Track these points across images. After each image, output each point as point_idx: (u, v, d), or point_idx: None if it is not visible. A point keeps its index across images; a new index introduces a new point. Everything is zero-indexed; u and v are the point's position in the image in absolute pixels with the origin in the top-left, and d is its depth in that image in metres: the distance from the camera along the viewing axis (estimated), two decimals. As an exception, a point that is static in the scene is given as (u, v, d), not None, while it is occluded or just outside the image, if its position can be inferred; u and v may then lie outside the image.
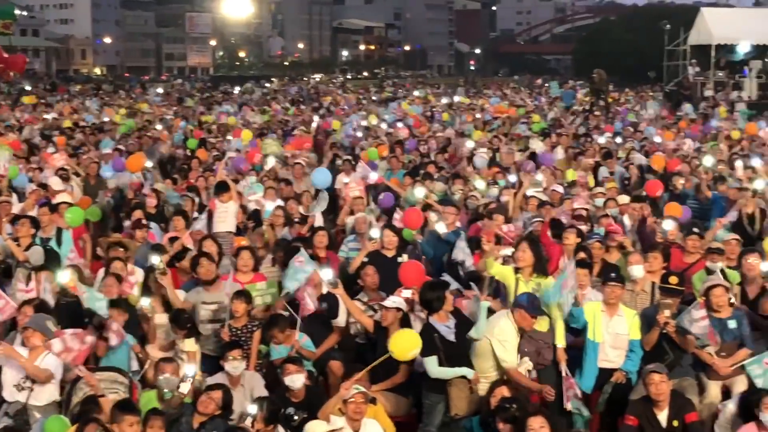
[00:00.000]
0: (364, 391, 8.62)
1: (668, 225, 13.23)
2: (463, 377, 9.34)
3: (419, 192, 15.36)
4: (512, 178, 16.33)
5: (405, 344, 8.92)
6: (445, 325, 9.47)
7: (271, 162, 19.41)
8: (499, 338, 9.37)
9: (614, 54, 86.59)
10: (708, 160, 18.73)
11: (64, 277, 10.68)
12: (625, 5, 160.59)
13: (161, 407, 8.70)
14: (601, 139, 24.46)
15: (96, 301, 10.24)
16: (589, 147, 22.98)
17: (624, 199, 15.63)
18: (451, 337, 9.42)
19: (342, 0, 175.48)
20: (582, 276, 10.51)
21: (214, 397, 8.80)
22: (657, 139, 24.58)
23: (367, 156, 20.92)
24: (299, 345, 10.23)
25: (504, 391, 8.75)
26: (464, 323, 9.68)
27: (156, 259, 11.11)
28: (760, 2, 62.71)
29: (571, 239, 12.39)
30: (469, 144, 22.56)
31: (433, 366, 9.36)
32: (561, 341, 9.77)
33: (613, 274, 10.32)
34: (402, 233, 13.40)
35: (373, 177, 17.85)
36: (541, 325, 9.68)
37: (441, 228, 13.39)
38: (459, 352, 9.41)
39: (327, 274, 10.63)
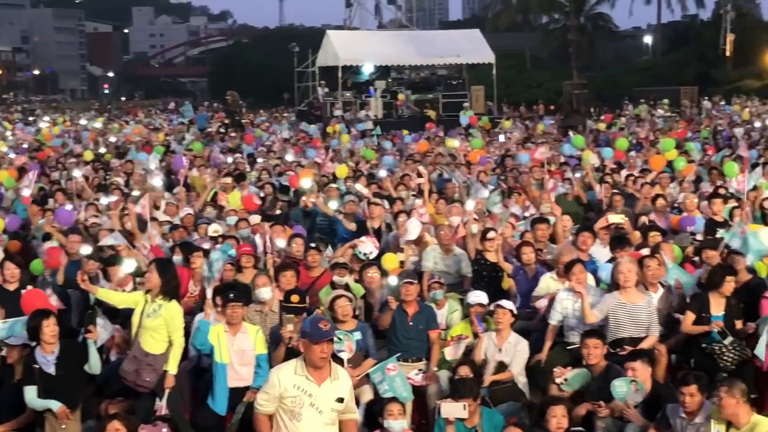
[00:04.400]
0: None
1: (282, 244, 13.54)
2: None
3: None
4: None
5: None
6: (45, 357, 9.36)
7: None
8: None
9: (248, 76, 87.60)
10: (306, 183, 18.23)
11: None
12: (257, 28, 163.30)
13: None
14: (229, 159, 24.82)
15: None
16: (227, 168, 23.19)
17: (255, 219, 15.82)
18: (50, 370, 9.33)
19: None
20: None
21: None
22: (289, 158, 25.24)
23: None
24: None
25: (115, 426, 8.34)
26: (71, 356, 9.48)
27: None
28: (383, 25, 65.83)
29: (197, 263, 12.57)
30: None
31: (30, 396, 9.29)
32: (173, 368, 9.71)
33: (231, 294, 10.25)
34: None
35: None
36: (157, 347, 9.59)
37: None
38: (58, 385, 9.29)
39: None
